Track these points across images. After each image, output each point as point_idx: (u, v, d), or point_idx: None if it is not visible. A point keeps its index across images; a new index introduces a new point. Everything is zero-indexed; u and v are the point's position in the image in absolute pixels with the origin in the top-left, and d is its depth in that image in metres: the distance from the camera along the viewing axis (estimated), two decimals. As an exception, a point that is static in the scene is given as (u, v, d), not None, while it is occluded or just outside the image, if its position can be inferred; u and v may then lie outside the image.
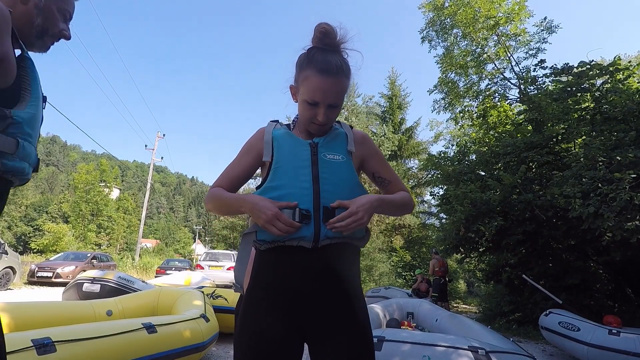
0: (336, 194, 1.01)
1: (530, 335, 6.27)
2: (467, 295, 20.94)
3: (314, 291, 0.99)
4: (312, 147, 1.06)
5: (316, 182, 1.00)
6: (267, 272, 1.02)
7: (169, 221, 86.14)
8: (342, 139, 1.12)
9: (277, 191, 1.00)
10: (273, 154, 1.06)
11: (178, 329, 2.82)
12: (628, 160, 4.96)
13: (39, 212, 39.49)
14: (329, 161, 1.05)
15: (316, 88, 1.02)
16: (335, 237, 0.99)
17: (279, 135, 1.10)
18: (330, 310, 0.99)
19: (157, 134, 24.49)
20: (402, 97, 22.97)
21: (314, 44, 1.07)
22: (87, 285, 5.53)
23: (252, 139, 1.14)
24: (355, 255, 1.08)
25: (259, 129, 1.16)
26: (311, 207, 0.98)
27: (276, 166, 1.03)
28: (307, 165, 1.03)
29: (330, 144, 1.08)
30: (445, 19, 12.16)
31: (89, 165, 41.69)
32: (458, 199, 7.80)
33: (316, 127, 1.08)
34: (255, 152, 1.11)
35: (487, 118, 10.78)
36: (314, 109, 1.05)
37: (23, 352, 1.79)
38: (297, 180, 1.01)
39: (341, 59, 1.05)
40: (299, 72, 1.07)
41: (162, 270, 14.91)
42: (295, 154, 1.05)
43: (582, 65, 6.92)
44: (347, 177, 1.06)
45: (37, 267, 11.42)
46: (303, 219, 0.96)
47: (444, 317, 4.50)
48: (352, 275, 1.05)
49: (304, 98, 1.05)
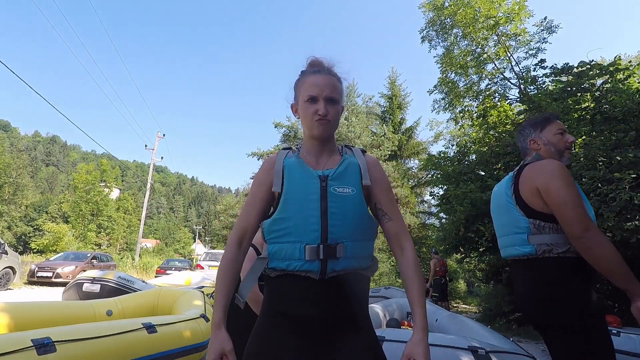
0: (344, 228, 1.02)
1: (530, 335, 6.27)
2: (467, 295, 20.94)
3: (322, 319, 1.01)
4: (322, 180, 1.06)
5: (324, 217, 1.01)
6: (277, 298, 1.05)
7: (169, 221, 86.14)
8: (354, 170, 1.10)
9: (285, 223, 1.03)
10: (283, 185, 1.07)
11: (178, 329, 2.82)
12: (628, 160, 4.96)
13: (39, 212, 39.50)
14: (339, 195, 1.04)
15: (311, 84, 1.10)
16: (342, 269, 1.02)
17: (290, 164, 1.10)
18: (337, 335, 1.01)
19: (157, 134, 24.51)
20: (402, 97, 22.96)
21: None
22: (87, 285, 5.53)
23: (261, 172, 1.15)
24: (364, 283, 1.10)
25: (267, 159, 1.18)
26: (318, 242, 1.00)
27: (285, 197, 1.05)
28: (316, 199, 1.03)
29: (341, 177, 1.07)
30: (445, 18, 12.17)
31: (89, 165, 41.72)
32: (458, 199, 7.80)
33: (320, 125, 1.09)
34: (268, 184, 1.11)
35: (487, 118, 10.77)
36: (314, 105, 1.09)
37: (23, 352, 1.79)
38: (304, 214, 1.02)
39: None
40: (297, 87, 1.15)
41: (162, 270, 14.93)
42: (305, 186, 1.06)
43: (582, 65, 6.92)
44: (357, 211, 1.05)
45: (37, 267, 11.43)
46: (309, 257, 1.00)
47: (444, 317, 4.50)
48: (360, 304, 1.07)
49: (303, 98, 1.10)
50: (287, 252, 1.02)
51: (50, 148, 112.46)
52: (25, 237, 36.34)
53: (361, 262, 1.06)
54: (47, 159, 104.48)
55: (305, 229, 1.01)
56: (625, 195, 4.62)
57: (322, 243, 1.00)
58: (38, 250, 29.22)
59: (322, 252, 1.00)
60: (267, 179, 1.11)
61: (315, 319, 1.01)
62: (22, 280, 10.93)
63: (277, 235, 1.04)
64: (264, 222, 1.07)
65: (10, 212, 33.51)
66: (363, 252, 1.07)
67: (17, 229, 37.12)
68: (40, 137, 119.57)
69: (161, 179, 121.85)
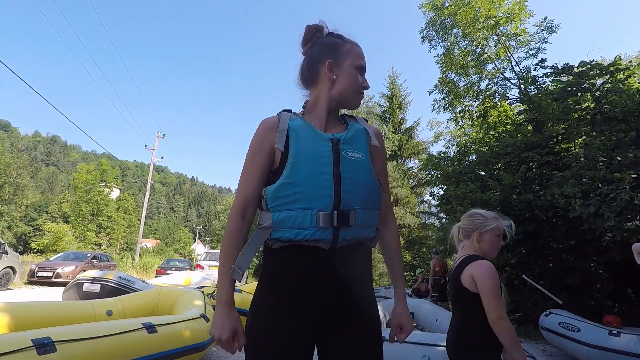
0: (356, 195, 0.99)
1: (530, 335, 6.27)
2: (467, 295, 20.90)
3: (329, 289, 0.97)
4: (334, 143, 1.00)
5: (337, 183, 0.96)
6: (280, 273, 0.99)
7: (169, 221, 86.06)
8: (362, 134, 1.08)
9: (295, 188, 0.95)
10: (289, 146, 1.00)
11: (178, 329, 2.82)
12: (628, 160, 4.96)
13: (39, 212, 39.48)
14: (351, 159, 1.00)
15: (360, 55, 1.12)
16: (353, 238, 0.99)
17: (297, 126, 1.03)
18: (343, 308, 0.99)
19: (157, 134, 24.49)
20: (402, 97, 22.94)
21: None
22: (87, 285, 5.54)
23: (261, 132, 1.05)
24: (368, 254, 1.09)
25: (263, 121, 1.08)
26: (331, 208, 0.95)
27: (294, 160, 0.97)
28: (329, 163, 0.97)
29: (352, 141, 1.04)
30: (445, 18, 12.15)
31: (89, 165, 41.66)
32: (458, 199, 7.80)
33: (361, 97, 1.13)
34: (270, 144, 1.02)
35: (487, 118, 10.76)
36: (362, 77, 1.11)
37: (23, 352, 1.79)
38: (317, 179, 0.96)
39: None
40: (338, 47, 1.11)
41: (162, 270, 14.92)
42: (316, 149, 0.99)
43: (582, 65, 6.91)
44: (368, 178, 1.02)
45: (37, 267, 11.42)
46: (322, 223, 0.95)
47: (444, 317, 4.50)
48: (365, 273, 1.06)
49: (356, 64, 1.10)
50: (296, 219, 0.94)
51: (51, 148, 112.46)
52: (26, 237, 36.32)
53: (369, 231, 1.04)
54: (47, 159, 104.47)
55: (318, 194, 0.95)
56: (625, 196, 4.62)
57: (335, 209, 0.95)
58: (38, 250, 29.20)
59: (335, 219, 0.94)
60: (269, 139, 1.02)
61: (321, 290, 0.96)
62: (22, 280, 10.92)
63: (284, 202, 0.96)
64: (267, 189, 0.99)
65: (10, 212, 33.51)
66: (372, 221, 1.04)
67: (17, 229, 37.10)
68: (40, 137, 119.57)
69: (161, 179, 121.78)
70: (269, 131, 1.04)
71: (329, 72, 1.08)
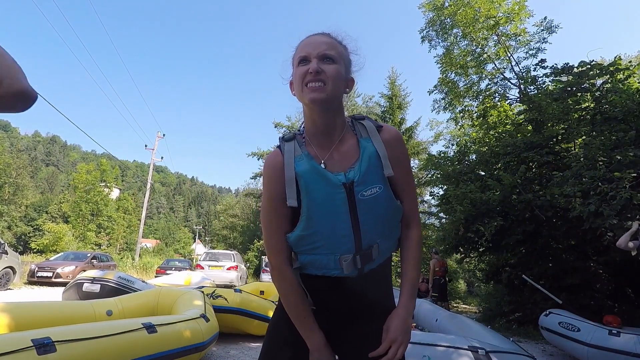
0: (376, 230, 0.98)
1: (530, 335, 6.27)
2: (467, 295, 20.93)
3: (354, 307, 1.02)
4: (347, 188, 0.93)
5: (356, 228, 0.94)
6: (309, 292, 1.02)
7: (169, 221, 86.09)
8: (375, 162, 0.96)
9: (313, 238, 0.95)
10: (300, 194, 0.94)
11: (178, 329, 2.82)
12: (628, 159, 4.96)
13: (39, 212, 39.46)
14: (368, 199, 0.94)
15: (303, 45, 0.96)
16: (377, 265, 1.01)
17: (304, 172, 0.94)
18: (360, 312, 1.03)
19: (157, 134, 24.49)
20: (402, 97, 22.93)
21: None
22: (87, 285, 5.53)
23: (271, 182, 0.98)
24: (389, 263, 1.11)
25: (268, 165, 1.00)
26: (353, 251, 0.95)
27: (308, 214, 0.94)
28: (345, 212, 0.93)
29: (366, 177, 0.94)
30: (445, 18, 12.15)
31: (89, 165, 41.66)
32: (458, 199, 7.80)
33: (313, 90, 0.91)
34: (281, 196, 0.97)
35: (487, 118, 10.77)
36: (306, 66, 0.93)
37: (23, 352, 1.79)
38: (334, 228, 0.94)
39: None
40: (292, 60, 1.00)
41: (162, 270, 14.92)
42: (328, 199, 0.93)
43: (582, 65, 6.92)
44: (386, 208, 0.98)
45: (37, 267, 11.41)
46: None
47: (444, 317, 4.51)
48: (387, 286, 1.09)
49: (297, 63, 0.96)
50: (321, 262, 0.97)
51: (50, 148, 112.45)
52: (25, 237, 36.31)
53: (392, 247, 1.05)
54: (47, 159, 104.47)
55: (337, 242, 0.94)
56: (625, 195, 4.63)
57: (357, 253, 0.95)
58: (38, 250, 29.18)
59: (359, 261, 0.96)
60: (280, 191, 0.97)
61: (346, 308, 1.02)
62: (22, 280, 10.91)
63: (307, 248, 0.97)
64: (288, 236, 0.98)
65: (10, 212, 33.51)
66: (394, 239, 1.05)
67: (17, 229, 37.09)
68: (40, 137, 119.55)
69: (161, 179, 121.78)
70: (277, 182, 0.97)
71: (292, 93, 1.00)
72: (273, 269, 1.00)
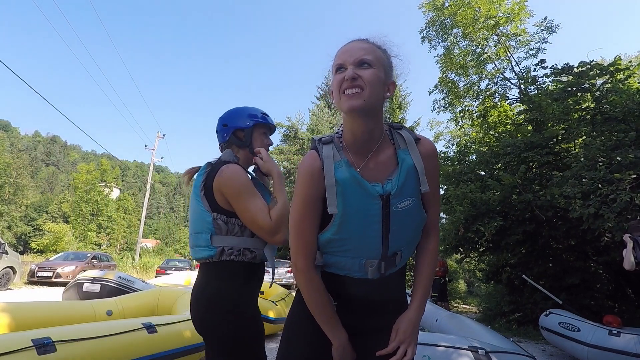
0: (403, 239, 1.01)
1: (530, 335, 6.27)
2: (467, 295, 20.94)
3: (371, 303, 1.05)
4: (384, 200, 0.95)
5: (386, 237, 0.97)
6: (329, 288, 1.05)
7: (169, 221, 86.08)
8: (413, 177, 0.97)
9: (343, 242, 0.98)
10: (338, 203, 0.95)
11: (178, 329, 2.81)
12: (628, 160, 4.96)
13: (39, 212, 39.46)
14: (401, 211, 0.97)
15: (340, 53, 0.97)
16: (396, 270, 1.06)
17: (344, 180, 0.95)
18: (380, 315, 1.06)
19: (157, 134, 24.50)
20: (402, 97, 22.98)
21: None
22: (87, 285, 5.54)
23: (310, 185, 0.98)
24: (406, 264, 1.14)
25: (306, 167, 0.99)
26: (379, 257, 0.99)
27: (343, 219, 0.95)
28: (378, 221, 0.96)
29: (402, 190, 0.96)
30: (445, 18, 12.15)
31: (89, 165, 41.69)
32: (458, 199, 7.81)
33: (349, 97, 0.91)
34: (321, 200, 0.98)
35: (487, 118, 10.77)
36: (342, 73, 0.93)
37: (23, 352, 1.79)
38: (365, 236, 0.97)
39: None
40: (332, 69, 1.01)
41: (162, 270, 14.94)
42: (363, 209, 0.95)
43: (582, 65, 6.92)
44: (415, 219, 1.01)
45: (37, 267, 11.42)
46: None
47: (444, 317, 4.51)
48: (401, 283, 1.13)
49: (333, 71, 0.98)
50: (346, 264, 1.00)
51: (51, 148, 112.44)
52: (26, 237, 36.31)
53: (412, 253, 1.11)
54: (47, 159, 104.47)
55: (366, 248, 0.98)
56: (625, 196, 4.62)
57: (382, 259, 0.99)
58: (38, 250, 29.18)
59: (383, 267, 1.00)
60: (316, 196, 0.98)
61: (364, 303, 1.05)
62: (22, 280, 10.92)
63: (334, 250, 1.00)
64: (318, 236, 1.00)
65: (10, 212, 33.45)
66: (415, 246, 1.10)
67: (17, 229, 37.09)
68: (40, 137, 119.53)
69: (161, 179, 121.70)
70: (315, 187, 0.98)
71: (331, 101, 1.09)
72: (299, 271, 1.00)
